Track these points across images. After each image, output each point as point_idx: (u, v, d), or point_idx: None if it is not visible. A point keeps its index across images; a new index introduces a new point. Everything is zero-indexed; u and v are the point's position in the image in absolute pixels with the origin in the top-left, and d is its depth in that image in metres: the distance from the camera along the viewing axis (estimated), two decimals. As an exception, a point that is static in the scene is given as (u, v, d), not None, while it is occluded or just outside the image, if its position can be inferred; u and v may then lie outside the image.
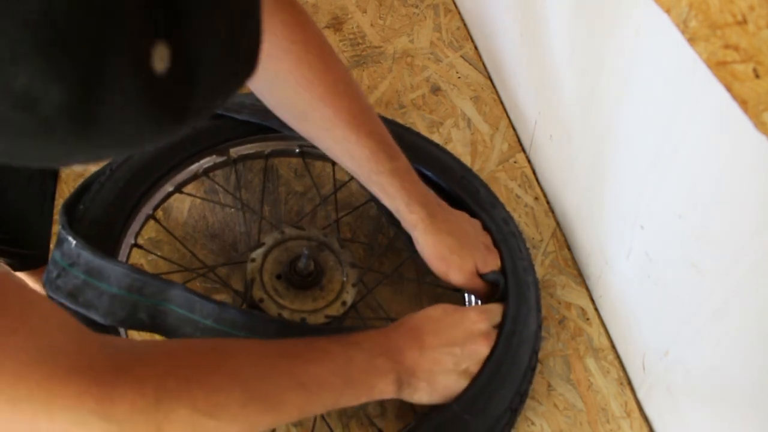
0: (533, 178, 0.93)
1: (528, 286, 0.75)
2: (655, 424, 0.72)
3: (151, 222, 0.82)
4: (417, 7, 1.17)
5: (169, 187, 0.82)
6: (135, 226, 0.77)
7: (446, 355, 0.65)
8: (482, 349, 0.67)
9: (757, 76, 0.43)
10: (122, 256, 0.74)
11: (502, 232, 0.79)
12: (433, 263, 0.72)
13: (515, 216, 0.89)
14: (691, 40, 0.49)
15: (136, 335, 0.74)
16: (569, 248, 0.86)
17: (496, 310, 0.70)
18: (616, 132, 0.70)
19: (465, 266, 0.71)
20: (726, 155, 0.52)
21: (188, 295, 0.66)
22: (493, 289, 0.74)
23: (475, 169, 0.94)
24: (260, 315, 0.69)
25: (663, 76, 0.60)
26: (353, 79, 0.70)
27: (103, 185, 0.76)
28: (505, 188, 0.92)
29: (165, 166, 0.79)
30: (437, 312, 0.67)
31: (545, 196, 0.92)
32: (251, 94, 0.89)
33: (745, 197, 0.51)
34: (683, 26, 0.50)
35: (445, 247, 0.71)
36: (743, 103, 0.45)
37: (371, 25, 1.14)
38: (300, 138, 0.86)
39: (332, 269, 0.77)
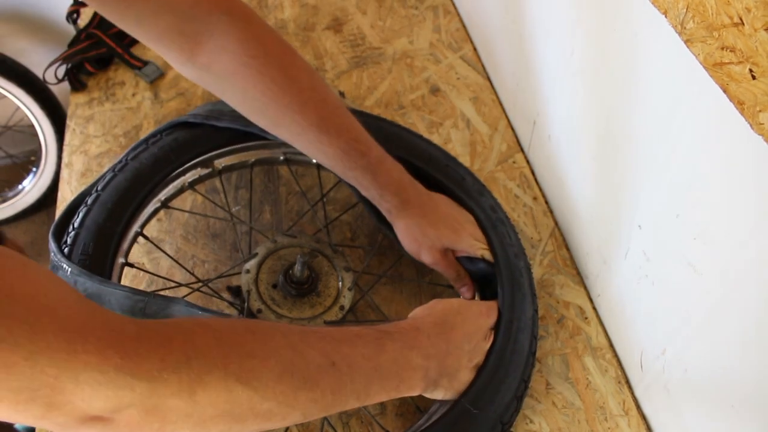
0: (532, 178, 0.94)
1: (521, 272, 0.76)
2: (653, 422, 0.72)
3: (144, 237, 0.81)
4: (416, 8, 1.18)
5: (156, 204, 0.81)
6: (125, 245, 0.76)
7: (463, 351, 0.66)
8: (488, 344, 0.69)
9: (754, 77, 0.44)
10: (115, 276, 0.73)
11: (490, 219, 0.80)
12: (406, 244, 0.76)
13: (514, 216, 0.89)
14: (689, 42, 0.50)
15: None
16: (567, 248, 0.87)
17: (494, 304, 0.73)
18: (614, 132, 0.71)
19: (435, 246, 0.75)
20: (723, 156, 0.53)
21: (191, 309, 0.66)
22: (461, 272, 0.76)
23: (474, 169, 0.94)
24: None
25: (661, 76, 0.60)
26: (321, 83, 0.73)
27: (90, 207, 0.74)
28: (504, 188, 0.93)
29: (151, 182, 0.78)
30: (456, 305, 0.69)
31: (544, 196, 0.92)
32: None
33: (742, 197, 0.51)
34: (680, 27, 0.51)
35: (417, 228, 0.74)
36: (740, 104, 0.46)
37: (371, 26, 1.15)
38: (283, 144, 0.86)
39: (327, 274, 0.78)
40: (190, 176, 0.84)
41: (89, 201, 0.75)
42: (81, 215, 0.74)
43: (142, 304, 0.65)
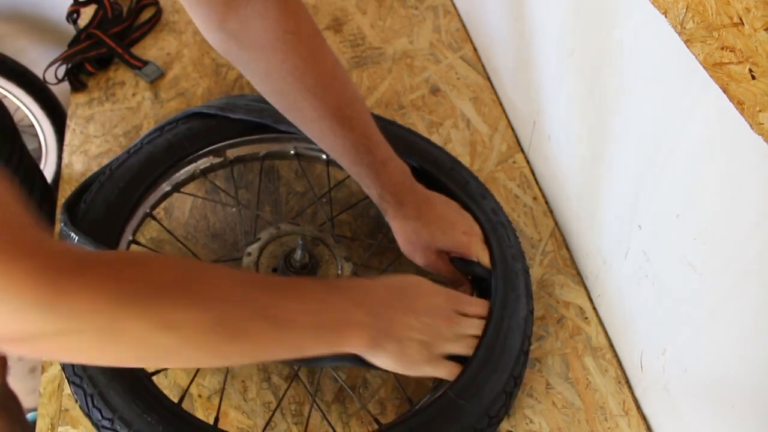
0: (532, 178, 0.94)
1: (516, 274, 0.77)
2: (653, 423, 0.72)
3: (152, 221, 0.83)
4: (416, 8, 1.18)
5: (166, 187, 0.83)
6: (133, 224, 0.79)
7: (418, 323, 0.65)
8: (444, 329, 0.67)
9: (753, 77, 0.44)
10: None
11: (491, 221, 0.80)
12: (401, 244, 0.77)
13: (514, 216, 0.89)
14: (688, 42, 0.50)
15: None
16: (568, 248, 0.87)
17: (482, 304, 0.72)
18: (614, 132, 0.71)
19: (429, 247, 0.75)
20: (723, 155, 0.53)
21: None
22: (457, 275, 0.77)
23: (474, 169, 0.94)
24: None
25: (661, 77, 0.60)
26: (343, 71, 0.72)
27: (103, 185, 0.77)
28: (504, 188, 0.93)
29: (163, 166, 0.81)
30: (416, 280, 0.69)
31: (544, 196, 0.92)
32: (244, 95, 0.90)
33: (742, 197, 0.51)
34: (680, 28, 0.51)
35: (412, 231, 0.75)
36: (740, 104, 0.46)
37: (371, 26, 1.15)
38: (294, 139, 0.87)
39: (327, 263, 0.78)
40: (201, 164, 0.86)
41: (102, 179, 0.78)
42: (93, 192, 0.77)
43: None
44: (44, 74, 1.13)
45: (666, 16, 0.53)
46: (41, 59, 1.54)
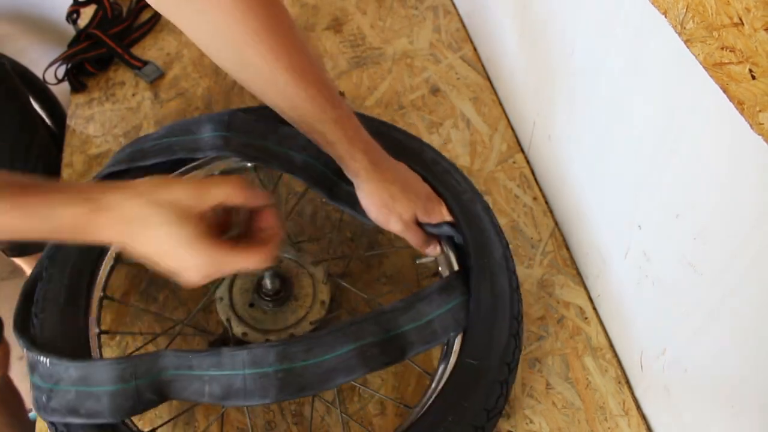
0: (532, 178, 0.94)
1: (479, 216, 0.74)
2: (653, 422, 0.72)
3: (109, 299, 0.77)
4: (416, 8, 1.18)
5: (110, 262, 0.77)
6: (94, 315, 0.73)
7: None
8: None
9: (754, 77, 0.44)
10: (94, 347, 0.70)
11: (434, 173, 0.77)
12: (374, 210, 0.72)
13: (514, 216, 0.89)
14: (688, 42, 0.50)
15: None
16: (568, 248, 0.87)
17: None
18: (614, 132, 0.71)
19: (405, 215, 0.71)
20: (723, 156, 0.53)
21: (179, 356, 0.64)
22: (426, 236, 0.74)
23: (474, 169, 0.94)
24: (258, 346, 0.65)
25: (661, 77, 0.60)
26: (298, 29, 0.67)
27: (46, 295, 0.71)
28: (504, 188, 0.93)
29: (98, 248, 0.75)
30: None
31: (544, 196, 0.92)
32: (146, 137, 0.82)
33: (742, 197, 0.51)
34: (680, 28, 0.51)
35: (388, 194, 0.71)
36: (740, 104, 0.46)
37: (371, 26, 1.15)
38: (214, 160, 0.80)
39: (298, 276, 0.76)
40: None
41: (43, 284, 0.72)
42: (40, 300, 0.71)
43: (132, 369, 0.63)
44: (44, 74, 1.13)
45: (666, 16, 0.53)
46: (41, 59, 1.54)
